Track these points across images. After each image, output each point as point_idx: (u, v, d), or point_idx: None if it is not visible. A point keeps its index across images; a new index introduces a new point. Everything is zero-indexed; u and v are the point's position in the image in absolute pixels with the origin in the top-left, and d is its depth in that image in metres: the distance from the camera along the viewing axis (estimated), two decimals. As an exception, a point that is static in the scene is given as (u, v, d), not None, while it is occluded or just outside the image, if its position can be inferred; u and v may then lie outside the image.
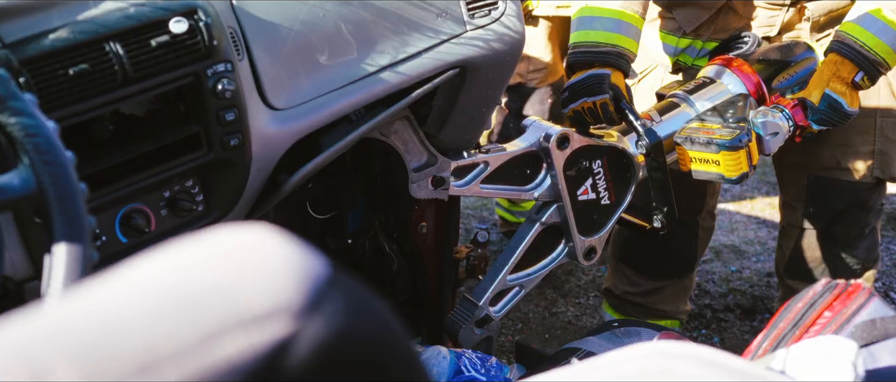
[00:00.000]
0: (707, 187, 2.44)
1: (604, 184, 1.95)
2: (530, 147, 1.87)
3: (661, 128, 1.95)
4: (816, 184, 2.28)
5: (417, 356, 0.60)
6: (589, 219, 1.95)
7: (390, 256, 2.04)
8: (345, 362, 0.54)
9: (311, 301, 0.54)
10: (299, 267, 0.55)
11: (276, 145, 1.48)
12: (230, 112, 1.38)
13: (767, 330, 1.13)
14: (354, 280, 0.59)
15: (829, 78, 1.95)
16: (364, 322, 0.56)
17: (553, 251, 1.98)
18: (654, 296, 2.56)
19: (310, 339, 0.53)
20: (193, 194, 1.46)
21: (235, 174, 1.45)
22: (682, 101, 2.00)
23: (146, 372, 0.51)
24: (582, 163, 1.91)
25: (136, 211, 1.42)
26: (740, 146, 1.83)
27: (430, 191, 1.77)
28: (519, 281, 1.96)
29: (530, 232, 1.93)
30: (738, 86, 2.01)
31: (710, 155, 1.86)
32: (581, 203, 1.93)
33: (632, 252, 2.54)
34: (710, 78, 2.04)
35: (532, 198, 1.92)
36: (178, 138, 1.39)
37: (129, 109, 1.41)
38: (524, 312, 3.00)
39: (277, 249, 0.56)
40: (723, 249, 3.38)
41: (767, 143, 1.93)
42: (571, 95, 1.95)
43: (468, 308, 1.93)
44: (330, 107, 1.51)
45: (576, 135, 1.89)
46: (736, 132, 1.85)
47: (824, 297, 1.11)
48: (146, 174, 1.39)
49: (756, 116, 1.92)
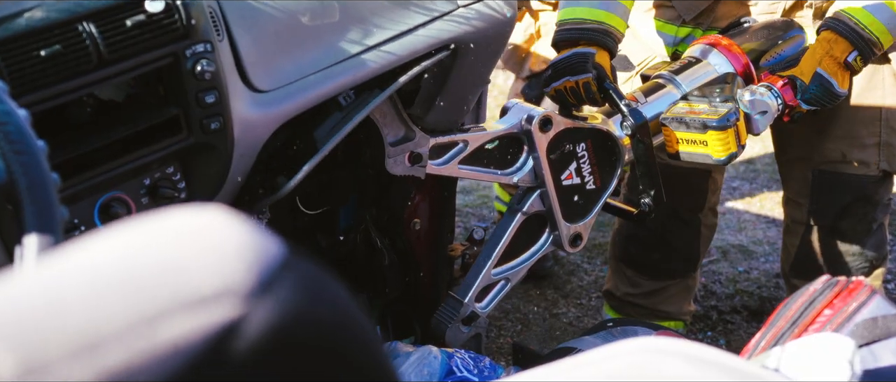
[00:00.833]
0: (708, 183, 2.42)
1: (588, 168, 1.93)
2: (511, 128, 1.85)
3: (646, 109, 1.93)
4: (821, 179, 2.26)
5: (378, 344, 0.59)
6: (574, 205, 1.94)
7: (382, 251, 2.03)
8: (296, 346, 0.53)
9: (262, 283, 0.52)
10: (251, 248, 0.54)
11: (260, 129, 1.46)
12: (210, 94, 1.37)
13: (765, 329, 1.11)
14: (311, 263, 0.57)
15: (822, 57, 1.94)
16: (318, 306, 0.54)
17: (537, 240, 1.96)
18: (657, 297, 2.54)
19: (259, 322, 0.52)
20: (175, 181, 1.45)
21: (217, 159, 1.43)
22: (667, 82, 1.99)
23: (87, 353, 0.50)
24: (565, 146, 1.89)
25: (116, 200, 1.40)
26: (728, 125, 1.82)
27: (407, 167, 1.75)
28: (504, 274, 1.94)
29: (512, 223, 1.91)
30: (725, 66, 1.99)
31: (698, 135, 1.85)
32: (565, 188, 1.91)
33: (632, 251, 2.51)
34: (696, 57, 2.02)
35: (511, 183, 1.89)
36: (157, 122, 1.37)
37: (108, 94, 1.40)
38: (524, 313, 2.99)
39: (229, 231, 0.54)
40: (730, 249, 3.36)
41: (756, 123, 1.92)
42: (554, 74, 1.93)
43: (453, 306, 1.91)
44: (316, 88, 1.50)
45: (559, 117, 1.87)
46: (723, 111, 1.83)
47: (824, 294, 1.10)
48: (124, 160, 1.37)
49: (744, 95, 1.91)
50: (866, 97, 2.20)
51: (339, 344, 0.55)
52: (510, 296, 3.08)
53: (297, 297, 0.53)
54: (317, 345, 0.53)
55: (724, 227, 3.53)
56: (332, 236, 2.09)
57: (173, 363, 0.50)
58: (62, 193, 1.35)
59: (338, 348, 0.55)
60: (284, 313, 0.52)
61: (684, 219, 2.44)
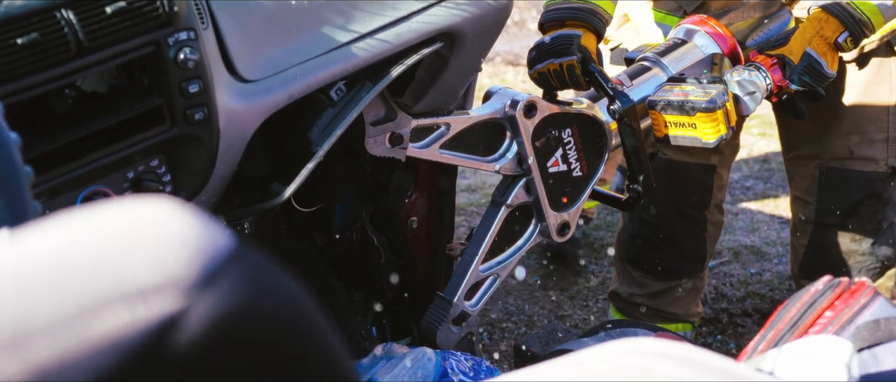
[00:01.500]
0: (714, 180, 2.40)
1: (575, 155, 1.91)
2: (495, 114, 1.83)
3: (633, 92, 1.91)
4: (828, 176, 2.24)
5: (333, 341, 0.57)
6: (561, 193, 1.92)
7: (379, 250, 2.01)
8: (241, 340, 0.51)
9: (206, 276, 0.51)
10: (195, 240, 0.52)
11: (247, 120, 1.44)
12: (194, 83, 1.35)
13: (765, 330, 1.09)
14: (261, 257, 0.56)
15: (812, 36, 1.92)
16: (265, 300, 0.53)
17: (524, 232, 1.94)
18: (663, 298, 2.51)
19: (201, 315, 0.50)
20: (159, 174, 1.43)
21: (203, 151, 1.42)
22: (653, 64, 1.96)
23: (15, 346, 0.48)
24: (551, 132, 1.87)
25: (98, 193, 1.39)
26: (716, 107, 1.80)
27: (387, 148, 1.72)
28: (492, 269, 1.92)
29: (497, 217, 1.89)
30: (711, 46, 1.97)
31: (686, 118, 1.83)
32: (552, 175, 1.89)
33: (637, 251, 2.49)
34: (682, 39, 2.00)
35: (493, 171, 1.87)
36: (139, 112, 1.36)
37: (91, 84, 1.39)
38: (529, 315, 2.96)
39: (174, 222, 0.53)
40: (742, 250, 3.33)
41: (745, 103, 1.90)
42: (538, 55, 1.91)
43: (442, 306, 1.89)
44: (305, 78, 1.48)
45: (544, 102, 1.85)
46: (711, 93, 1.81)
47: (825, 296, 1.07)
48: (106, 151, 1.36)
49: (732, 76, 1.89)
50: (873, 91, 2.17)
51: (288, 340, 0.53)
52: (514, 298, 3.06)
53: (242, 290, 0.51)
54: (263, 340, 0.52)
55: (736, 228, 3.49)
56: (328, 234, 2.07)
57: (109, 357, 0.49)
58: (41, 187, 1.34)
59: (286, 343, 0.53)
60: (228, 306, 0.50)
61: (690, 217, 2.42)
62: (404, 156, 1.73)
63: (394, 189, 1.97)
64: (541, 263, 3.26)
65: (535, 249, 3.30)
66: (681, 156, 2.36)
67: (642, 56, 1.99)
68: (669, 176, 2.37)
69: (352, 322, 2.07)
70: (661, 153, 2.36)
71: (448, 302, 1.88)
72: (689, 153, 2.36)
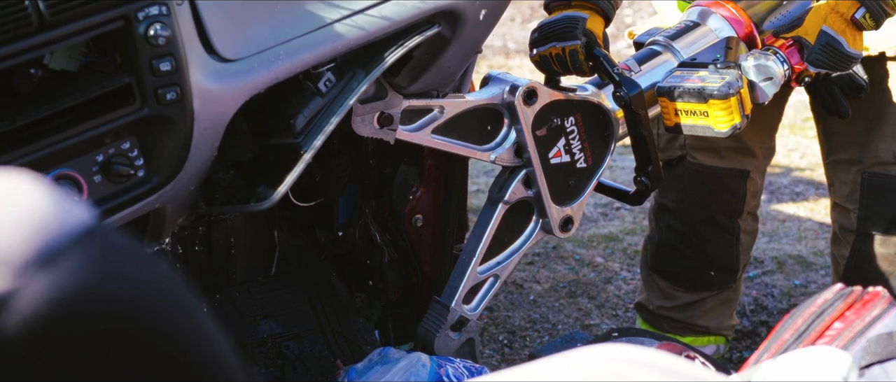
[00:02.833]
0: (747, 186, 2.34)
1: (579, 145, 1.86)
2: (492, 99, 1.78)
3: (641, 78, 1.85)
4: (871, 183, 2.18)
5: (203, 332, 0.52)
6: (564, 185, 1.87)
7: (382, 249, 1.97)
8: (78, 324, 0.47)
9: (44, 255, 0.47)
10: (38, 217, 0.48)
11: (226, 102, 1.40)
12: (165, 61, 1.32)
13: (768, 341, 1.04)
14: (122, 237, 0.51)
15: (827, 13, 1.85)
16: (113, 283, 0.48)
17: (525, 229, 1.89)
18: (692, 311, 2.45)
19: (32, 297, 0.46)
20: (131, 158, 1.40)
21: (176, 133, 1.38)
22: (663, 48, 1.91)
23: None
24: (553, 120, 1.82)
25: (65, 177, 1.36)
26: (730, 94, 1.74)
27: (375, 129, 1.66)
28: (492, 270, 1.87)
29: (494, 215, 1.84)
30: (726, 30, 1.91)
31: (698, 105, 1.77)
32: (553, 166, 1.84)
33: (664, 260, 2.43)
34: (695, 21, 1.95)
35: (488, 161, 1.82)
36: (107, 91, 1.32)
37: (60, 62, 1.36)
38: (553, 323, 2.90)
39: (18, 197, 0.49)
40: (787, 260, 3.23)
41: (761, 90, 1.84)
42: (540, 37, 1.86)
43: (439, 312, 1.85)
44: (291, 58, 1.43)
45: (545, 88, 1.80)
46: (725, 78, 1.75)
47: (836, 305, 1.02)
48: (72, 132, 1.32)
49: (747, 61, 1.83)
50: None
51: (137, 325, 0.49)
52: (539, 305, 3.00)
53: (86, 272, 0.47)
54: (106, 326, 0.47)
55: (782, 235, 3.40)
56: (330, 231, 2.03)
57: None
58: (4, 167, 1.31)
59: (137, 330, 0.48)
60: (66, 288, 0.46)
61: (721, 226, 2.36)
62: (393, 138, 1.68)
63: (398, 184, 1.92)
64: (570, 268, 3.20)
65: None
66: (711, 160, 2.30)
67: (652, 40, 1.94)
68: (699, 181, 2.31)
69: (353, 323, 2.03)
70: (690, 156, 2.30)
71: (445, 308, 1.84)
72: (721, 157, 2.29)
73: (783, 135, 4.41)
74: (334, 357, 1.98)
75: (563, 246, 3.33)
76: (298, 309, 2.02)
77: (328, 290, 2.07)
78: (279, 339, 1.98)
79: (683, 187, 2.34)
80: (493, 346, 2.79)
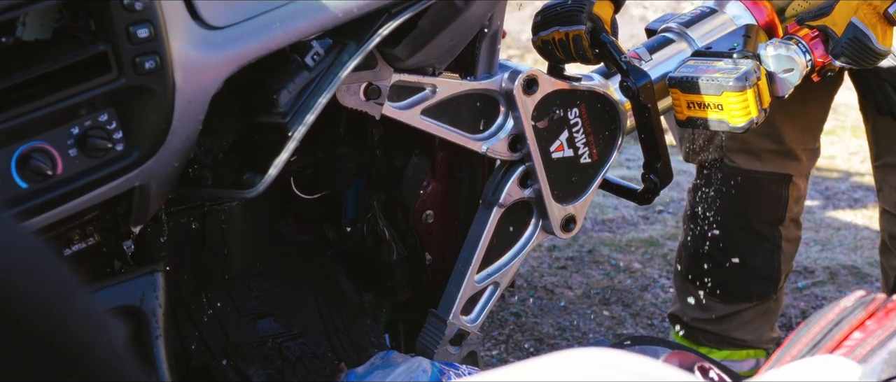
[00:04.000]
0: (789, 191, 2.27)
1: (583, 138, 1.80)
2: (489, 85, 1.71)
3: (651, 67, 1.79)
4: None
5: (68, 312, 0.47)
6: (566, 182, 1.81)
7: (390, 246, 1.91)
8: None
9: None
10: None
11: (210, 72, 1.36)
12: (143, 27, 1.28)
13: (780, 352, 0.98)
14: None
15: (859, 5, 1.79)
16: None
17: (524, 232, 1.84)
18: (730, 323, 2.39)
19: None
20: (109, 130, 1.36)
21: (157, 105, 1.34)
22: (677, 36, 1.86)
23: None
24: (555, 111, 1.76)
25: (37, 150, 1.32)
26: (747, 86, 1.68)
27: (360, 101, 1.59)
28: (491, 278, 1.82)
29: (490, 219, 1.78)
30: (746, 17, 1.86)
31: (711, 98, 1.71)
32: (555, 161, 1.78)
33: (699, 269, 2.36)
34: (712, 7, 1.89)
35: (480, 151, 1.75)
36: (81, 58, 1.29)
37: (33, 31, 1.33)
38: (584, 332, 2.84)
39: None
40: (840, 270, 3.14)
41: (781, 82, 1.79)
42: (543, 21, 1.80)
43: (436, 326, 1.80)
44: (286, 26, 1.39)
45: (547, 76, 1.74)
46: (741, 69, 1.70)
47: (856, 314, 0.96)
48: (43, 102, 1.29)
49: (766, 50, 1.77)
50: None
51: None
52: (570, 312, 2.94)
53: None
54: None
55: (836, 244, 3.31)
56: (338, 227, 1.99)
57: None
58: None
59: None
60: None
61: (761, 234, 2.30)
62: (379, 113, 1.61)
63: (408, 177, 1.86)
64: (604, 273, 3.13)
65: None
66: (750, 163, 2.24)
67: (665, 26, 1.89)
68: (737, 186, 2.25)
69: (360, 325, 1.98)
70: (728, 159, 2.23)
71: (442, 321, 1.79)
72: (760, 160, 2.23)
73: (844, 137, 4.31)
74: (338, 359, 1.93)
75: (598, 250, 3.27)
76: (302, 307, 1.98)
77: (334, 289, 2.02)
78: (280, 339, 1.93)
79: (719, 191, 2.28)
80: (518, 354, 2.74)
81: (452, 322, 1.78)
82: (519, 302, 2.97)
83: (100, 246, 1.58)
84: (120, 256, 1.59)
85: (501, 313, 2.91)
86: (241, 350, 1.86)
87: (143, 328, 1.51)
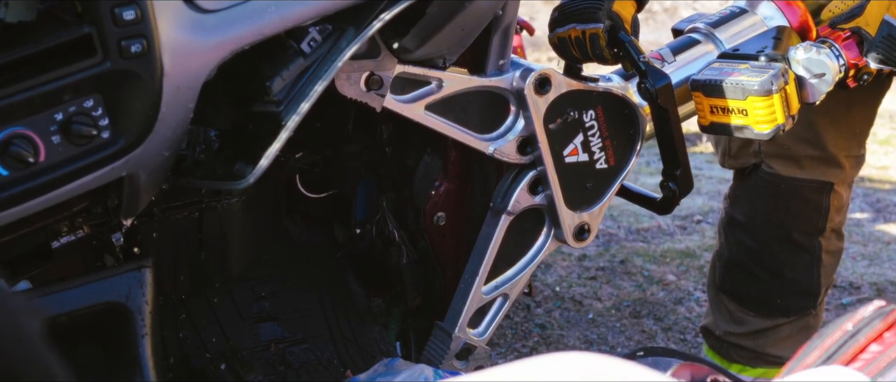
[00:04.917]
0: (830, 200, 2.21)
1: (599, 142, 1.76)
2: (499, 83, 1.68)
3: (674, 69, 1.76)
4: None
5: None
6: (580, 188, 1.77)
7: (400, 248, 1.88)
8: None
9: None
10: None
11: (201, 57, 1.33)
12: (129, 9, 1.26)
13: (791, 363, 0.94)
14: None
15: (891, 3, 1.74)
16: None
17: (535, 241, 1.80)
18: (765, 338, 2.33)
19: None
20: (95, 117, 1.33)
21: (144, 91, 1.31)
22: (703, 37, 1.83)
23: None
24: (569, 113, 1.72)
25: (19, 137, 1.30)
26: (772, 91, 1.64)
27: (361, 91, 1.55)
28: (499, 290, 1.79)
29: (498, 228, 1.75)
30: (778, 18, 1.82)
31: (736, 102, 1.67)
32: (568, 166, 1.74)
33: (734, 281, 2.31)
34: (742, 7, 1.84)
35: (487, 152, 1.71)
36: (64, 41, 1.27)
37: (16, 14, 1.31)
38: (612, 345, 2.79)
39: None
40: (888, 286, 3.08)
41: (811, 88, 1.73)
42: (560, 17, 1.75)
43: (442, 340, 1.77)
44: (282, 11, 1.36)
45: (561, 76, 1.70)
46: (768, 73, 1.65)
47: (873, 324, 0.93)
48: (24, 85, 1.27)
49: (797, 53, 1.72)
50: None
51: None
52: (599, 324, 2.89)
53: None
54: None
55: (884, 259, 3.24)
56: (347, 228, 1.96)
57: None
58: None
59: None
60: None
61: (800, 245, 2.24)
62: (380, 104, 1.57)
63: (419, 177, 1.83)
64: (636, 285, 3.08)
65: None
66: (790, 170, 2.18)
67: (691, 26, 1.85)
68: (774, 194, 2.20)
69: (368, 331, 1.95)
70: (766, 165, 2.18)
71: (448, 334, 1.75)
72: (801, 167, 2.17)
73: (897, 146, 4.22)
74: (344, 366, 1.90)
75: (631, 261, 3.21)
76: (307, 312, 1.95)
77: (342, 293, 1.99)
78: (284, 344, 1.91)
79: (756, 200, 2.22)
80: (541, 368, 2.69)
81: (458, 335, 1.75)
82: (545, 312, 2.93)
83: (89, 238, 1.56)
84: (110, 250, 1.57)
85: (526, 324, 2.87)
86: (240, 353, 1.84)
87: (128, 325, 1.49)
